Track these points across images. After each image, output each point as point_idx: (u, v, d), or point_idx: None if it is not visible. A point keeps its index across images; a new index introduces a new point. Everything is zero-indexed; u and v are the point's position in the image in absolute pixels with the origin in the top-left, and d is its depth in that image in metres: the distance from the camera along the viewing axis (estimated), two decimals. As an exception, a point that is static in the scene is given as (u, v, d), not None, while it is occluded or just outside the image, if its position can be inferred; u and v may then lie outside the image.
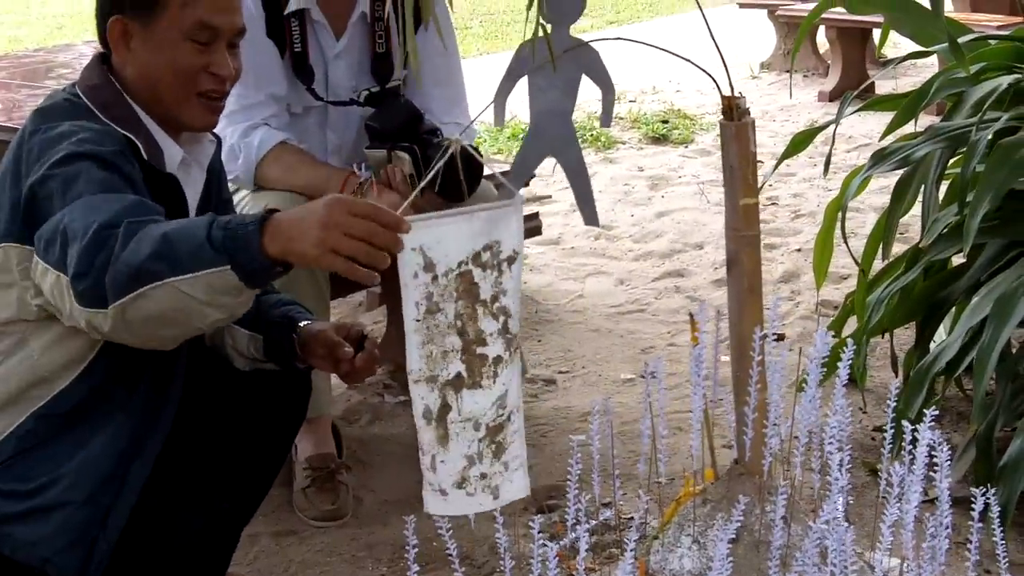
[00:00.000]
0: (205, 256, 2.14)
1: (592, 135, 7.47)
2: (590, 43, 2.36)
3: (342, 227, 2.09)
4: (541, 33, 2.27)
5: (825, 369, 2.43)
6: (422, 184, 2.31)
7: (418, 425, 2.27)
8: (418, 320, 2.18)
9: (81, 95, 2.51)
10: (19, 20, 13.47)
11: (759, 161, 6.29)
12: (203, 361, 2.76)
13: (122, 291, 2.17)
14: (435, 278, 2.16)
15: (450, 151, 2.32)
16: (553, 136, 2.41)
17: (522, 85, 2.44)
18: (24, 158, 2.40)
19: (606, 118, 2.53)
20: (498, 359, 2.23)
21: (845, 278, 4.99)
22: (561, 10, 2.30)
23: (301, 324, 2.69)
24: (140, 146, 2.45)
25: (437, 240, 2.15)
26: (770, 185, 6.32)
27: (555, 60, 2.25)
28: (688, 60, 2.47)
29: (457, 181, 3.22)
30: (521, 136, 7.35)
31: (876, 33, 8.02)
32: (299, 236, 2.11)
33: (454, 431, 2.26)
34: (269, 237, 2.12)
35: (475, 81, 3.90)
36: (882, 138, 3.72)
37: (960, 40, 3.35)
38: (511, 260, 2.22)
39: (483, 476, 2.30)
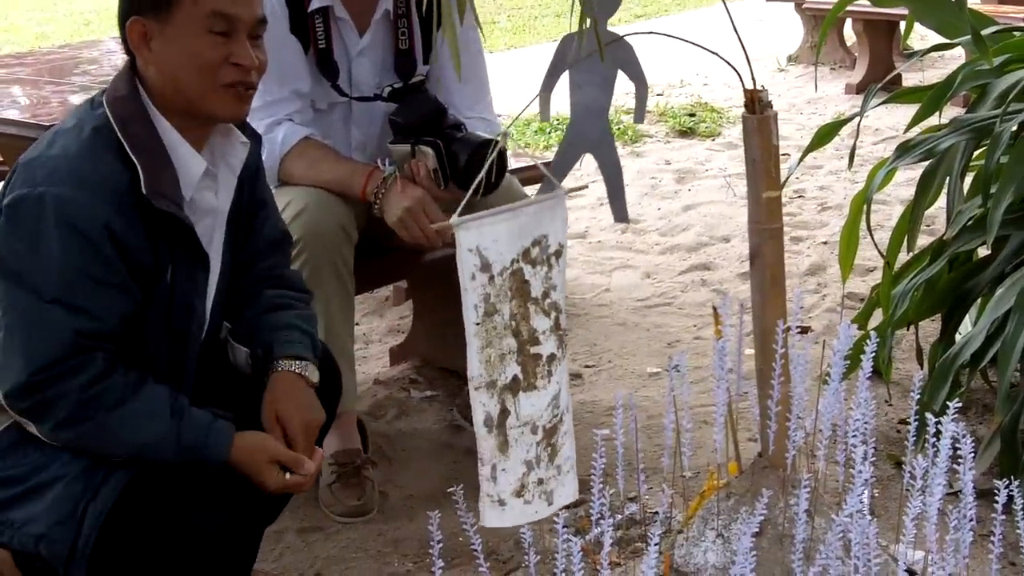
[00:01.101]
0: (163, 453, 2.49)
1: (619, 128, 7.47)
2: (625, 38, 2.36)
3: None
4: (584, 26, 2.26)
5: (849, 362, 2.43)
6: (474, 185, 2.28)
7: (478, 435, 2.25)
8: (478, 323, 2.16)
9: (106, 107, 2.53)
10: (46, 17, 13.54)
11: (785, 154, 6.30)
12: (224, 366, 2.80)
13: (61, 436, 2.45)
14: (491, 278, 2.15)
15: (497, 147, 2.33)
16: (591, 133, 2.41)
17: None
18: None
19: (639, 114, 2.53)
20: (552, 357, 2.22)
21: (871, 270, 4.98)
22: (600, 4, 2.30)
23: (276, 369, 2.72)
24: (142, 179, 2.47)
25: (493, 239, 2.14)
26: (796, 178, 6.31)
27: (596, 54, 2.25)
28: (714, 53, 2.47)
29: (486, 175, 3.25)
30: (548, 130, 7.38)
31: (903, 25, 7.99)
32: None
33: (513, 437, 2.24)
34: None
35: (504, 75, 3.91)
36: (907, 130, 3.71)
37: (984, 32, 3.34)
38: (558, 254, 2.22)
39: (540, 482, 2.29)
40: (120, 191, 2.45)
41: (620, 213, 2.49)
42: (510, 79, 7.53)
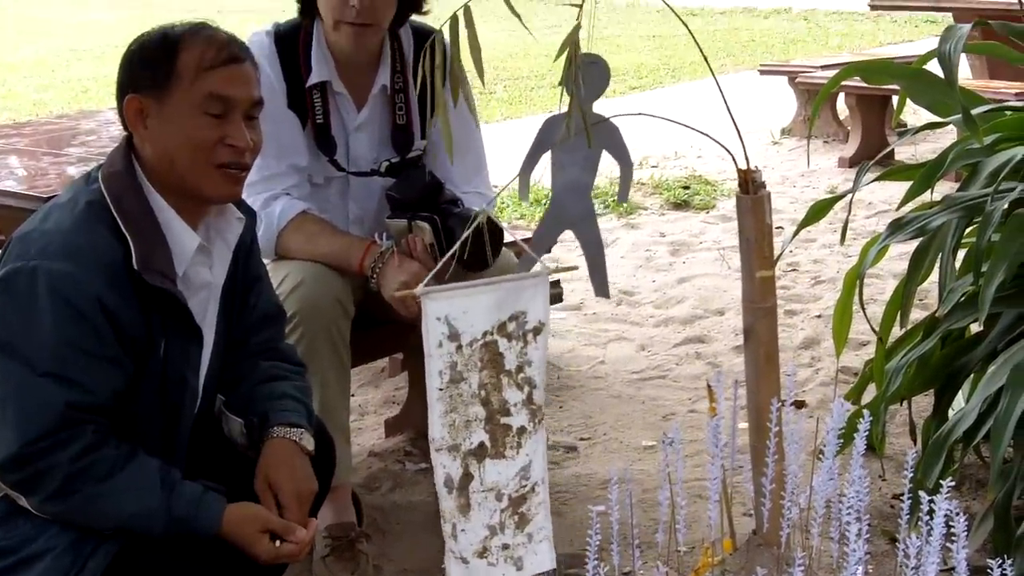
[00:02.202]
0: (153, 526, 2.50)
1: (614, 200, 7.51)
2: (611, 119, 2.39)
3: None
4: (568, 108, 2.29)
5: (843, 440, 2.44)
6: (445, 257, 2.32)
7: (439, 493, 2.28)
8: (441, 389, 2.20)
9: (100, 183, 2.56)
10: (44, 84, 13.60)
11: (779, 227, 6.33)
12: (218, 437, 2.81)
13: (51, 509, 2.47)
14: (459, 348, 2.18)
15: (476, 222, 2.36)
16: (573, 211, 2.44)
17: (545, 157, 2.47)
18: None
19: (623, 193, 2.57)
20: (522, 430, 2.25)
21: (864, 344, 5.00)
22: (587, 87, 2.33)
23: (271, 436, 2.74)
24: (133, 254, 2.49)
25: (463, 310, 2.18)
26: (790, 251, 6.34)
27: (578, 135, 2.27)
28: (706, 134, 2.50)
29: (479, 250, 3.28)
30: (544, 202, 7.42)
31: (895, 100, 8.06)
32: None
33: (476, 500, 2.27)
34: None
35: (500, 146, 3.94)
36: (899, 207, 3.74)
37: (975, 111, 3.38)
38: (537, 331, 2.24)
39: (505, 547, 2.31)
40: (113, 265, 2.47)
41: (601, 288, 2.51)
42: (506, 149, 7.58)
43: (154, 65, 2.56)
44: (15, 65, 14.97)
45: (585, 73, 2.22)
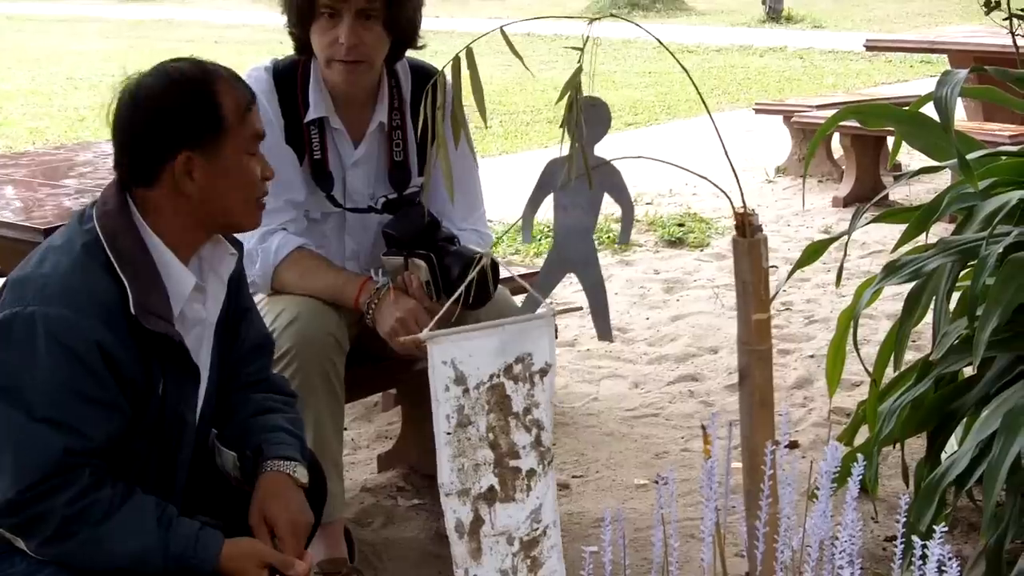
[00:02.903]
0: (151, 565, 2.50)
1: (609, 237, 7.52)
2: (612, 162, 2.40)
3: None
4: (569, 150, 2.30)
5: (836, 484, 2.44)
6: (449, 301, 2.31)
7: (450, 539, 2.27)
8: (449, 433, 2.19)
9: (95, 222, 2.56)
10: (41, 111, 13.62)
11: (773, 266, 6.33)
12: (212, 470, 2.81)
13: (48, 552, 2.47)
14: (466, 391, 2.18)
15: (480, 265, 2.37)
16: (575, 254, 2.44)
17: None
18: None
19: (624, 235, 2.58)
20: (531, 472, 2.25)
21: (857, 385, 5.00)
22: (589, 130, 2.34)
23: (265, 470, 2.75)
24: (130, 299, 2.50)
25: (468, 354, 2.17)
26: (784, 291, 6.35)
27: (579, 177, 2.28)
28: (704, 177, 2.51)
29: (477, 289, 3.28)
30: (539, 237, 7.44)
31: (890, 140, 8.08)
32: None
33: (487, 545, 2.26)
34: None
35: (496, 180, 3.94)
36: (894, 250, 3.75)
37: (970, 156, 3.40)
38: (543, 372, 2.25)
39: (519, 591, 2.30)
40: (111, 308, 2.48)
41: (604, 332, 2.52)
42: (502, 185, 7.60)
43: (200, 119, 2.56)
44: (11, 93, 14.99)
45: (586, 116, 2.23)
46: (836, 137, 8.87)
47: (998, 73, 3.62)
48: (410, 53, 3.68)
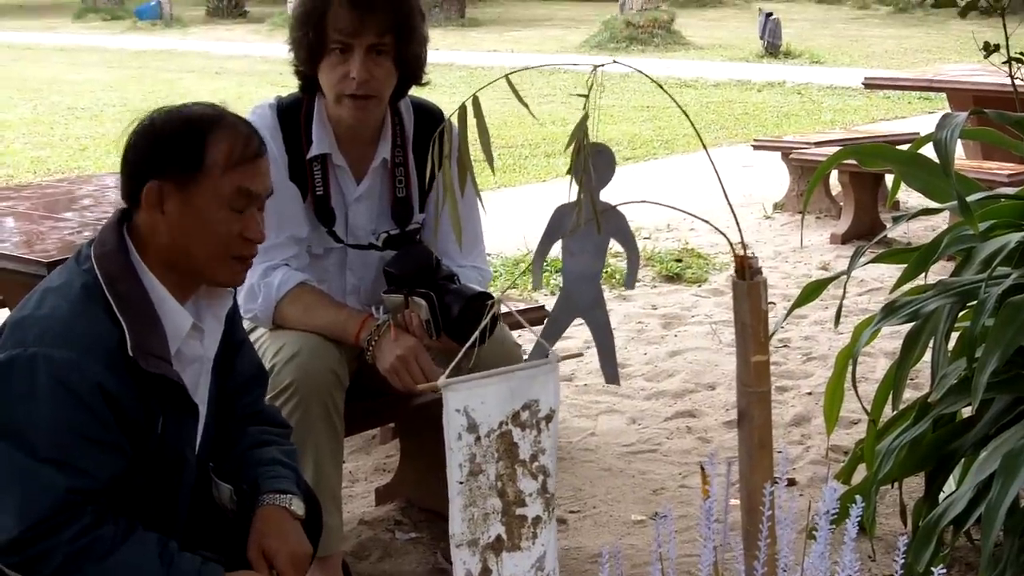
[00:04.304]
0: None
1: (607, 272, 7.53)
2: (618, 207, 2.41)
3: None
4: (578, 196, 2.31)
5: (834, 525, 2.45)
6: (464, 349, 2.30)
7: None
8: (461, 482, 2.18)
9: (93, 262, 2.57)
10: (43, 141, 13.65)
11: (771, 303, 6.34)
12: (210, 503, 2.82)
13: None
14: (478, 439, 2.17)
15: (492, 311, 2.38)
16: (583, 299, 2.46)
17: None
18: None
19: (630, 280, 2.58)
20: (537, 519, 2.24)
21: (855, 423, 5.01)
22: (596, 176, 2.35)
23: (262, 503, 2.77)
24: (128, 341, 2.51)
25: (481, 401, 2.17)
26: (782, 327, 6.36)
27: (587, 223, 2.29)
28: (705, 221, 2.53)
29: (472, 326, 3.31)
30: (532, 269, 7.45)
31: (888, 178, 8.11)
32: None
33: None
34: None
35: (493, 215, 3.93)
36: (893, 291, 3.77)
37: (970, 198, 3.42)
38: (548, 418, 2.25)
39: (524, 643, 2.29)
40: (111, 349, 2.49)
41: (611, 376, 2.53)
42: (500, 219, 7.62)
43: (180, 154, 2.56)
44: (13, 123, 15.02)
45: (592, 162, 2.24)
46: (834, 174, 8.88)
47: (997, 116, 3.64)
48: (413, 90, 3.71)
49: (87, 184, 5.59)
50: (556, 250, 2.42)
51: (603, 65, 2.23)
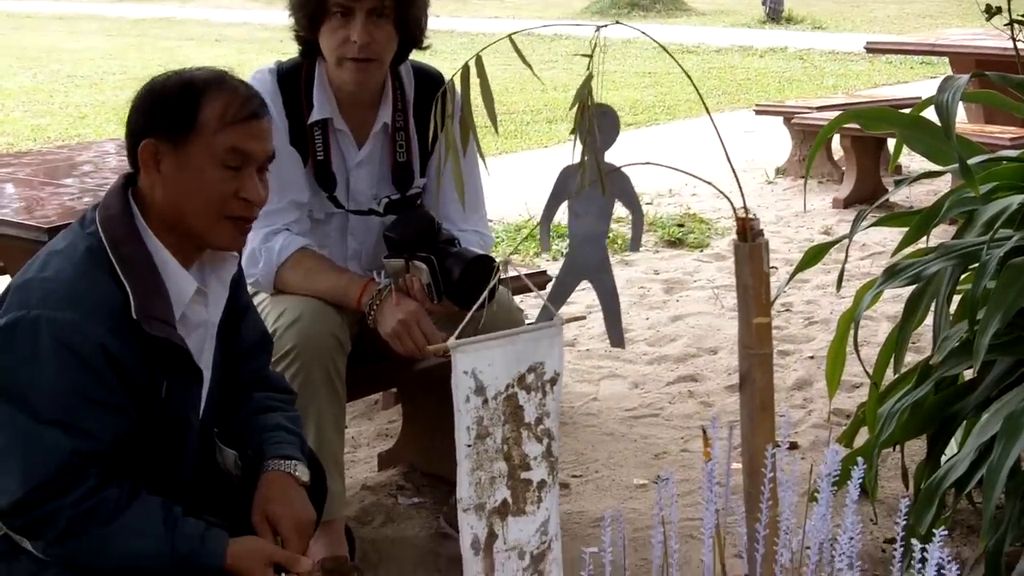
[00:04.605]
0: (158, 565, 2.50)
1: (610, 237, 7.52)
2: (622, 168, 2.41)
3: None
4: (582, 156, 2.30)
5: (836, 487, 2.45)
6: (470, 313, 2.29)
7: (464, 557, 2.25)
8: (469, 445, 2.18)
9: (98, 226, 2.57)
10: (43, 109, 13.64)
11: (773, 267, 6.35)
12: (214, 468, 2.83)
13: (56, 552, 2.47)
14: (485, 402, 2.17)
15: (498, 275, 2.37)
16: (589, 261, 2.45)
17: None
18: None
19: (635, 242, 2.58)
20: (542, 483, 2.24)
21: (857, 387, 5.02)
22: (601, 137, 2.35)
23: (266, 469, 2.77)
24: (132, 304, 2.51)
25: (488, 363, 2.16)
26: (784, 292, 6.36)
27: (592, 184, 2.29)
28: (708, 183, 2.52)
29: (472, 289, 3.31)
30: (535, 234, 7.45)
31: (890, 142, 8.09)
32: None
33: (499, 561, 2.25)
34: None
35: (495, 180, 3.92)
36: (895, 254, 3.76)
37: (971, 161, 3.40)
38: (553, 381, 2.25)
39: (528, 608, 2.29)
40: (114, 312, 2.49)
41: (616, 339, 2.52)
42: (502, 184, 7.61)
43: (174, 112, 2.57)
44: (13, 91, 15.01)
45: (597, 123, 2.24)
46: (836, 138, 8.87)
47: (999, 79, 3.63)
48: (414, 54, 3.70)
49: (87, 151, 5.58)
50: (561, 214, 2.42)
51: (606, 25, 2.22)
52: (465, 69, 2.12)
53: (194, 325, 2.69)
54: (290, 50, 3.70)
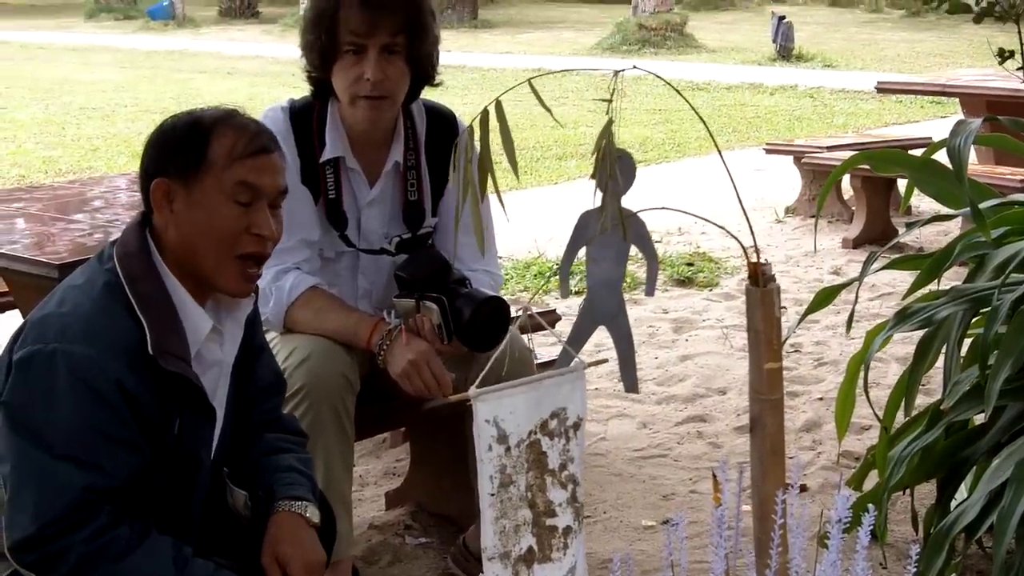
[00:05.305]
0: None
1: (627, 283, 7.51)
2: (638, 213, 2.40)
3: None
4: (602, 201, 2.30)
5: (846, 535, 2.44)
6: (491, 362, 2.29)
7: None
8: (492, 494, 2.16)
9: (115, 262, 2.58)
10: (55, 140, 13.68)
11: (783, 307, 6.34)
12: (224, 509, 2.82)
13: None
14: (508, 450, 2.16)
15: (521, 319, 2.37)
16: (606, 307, 2.45)
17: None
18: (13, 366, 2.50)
19: (651, 287, 2.58)
20: (568, 530, 2.22)
21: (867, 428, 5.00)
22: (617, 182, 2.35)
23: (277, 510, 2.76)
24: (148, 339, 2.51)
25: (510, 411, 2.15)
26: (794, 333, 6.35)
27: (609, 228, 2.29)
28: (721, 227, 2.52)
29: (490, 332, 3.32)
30: (547, 274, 7.46)
31: (901, 182, 8.09)
32: None
33: None
34: None
35: (505, 215, 3.93)
36: (905, 297, 3.76)
37: (983, 205, 3.40)
38: (576, 426, 2.23)
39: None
40: (131, 348, 2.49)
41: (631, 384, 2.51)
42: (511, 221, 7.60)
43: (184, 151, 2.59)
44: (25, 123, 15.06)
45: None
46: (846, 178, 8.86)
47: (1011, 123, 3.63)
48: (425, 91, 3.71)
49: (98, 185, 5.59)
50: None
51: (624, 70, 2.22)
52: (484, 114, 2.12)
53: (209, 364, 2.69)
54: (302, 83, 3.71)
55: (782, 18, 22.97)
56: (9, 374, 2.50)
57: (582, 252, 2.40)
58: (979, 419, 3.57)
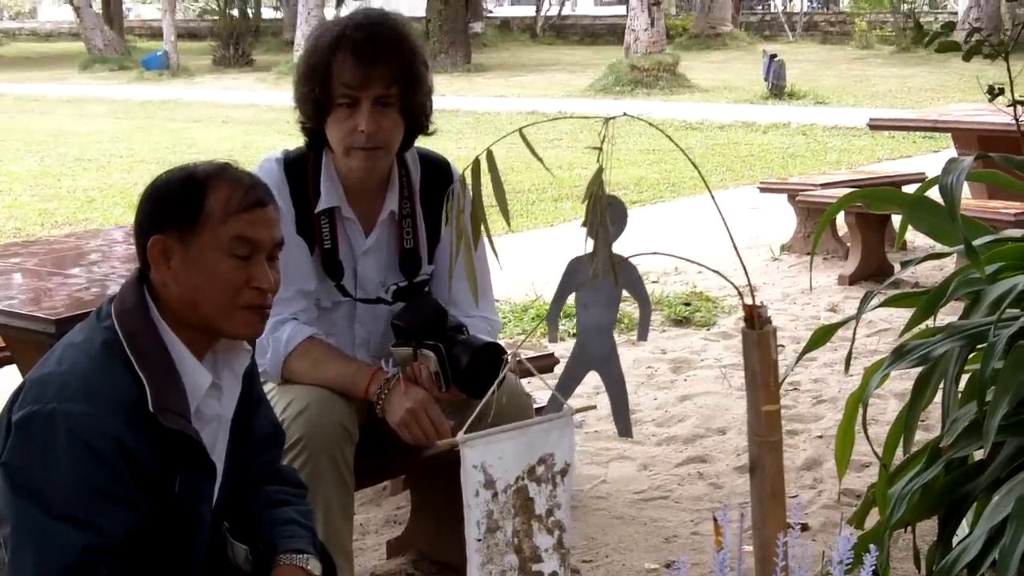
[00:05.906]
0: None
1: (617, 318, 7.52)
2: (629, 259, 2.41)
3: None
4: (594, 248, 2.31)
5: (848, 573, 2.44)
6: (479, 406, 2.29)
7: None
8: (479, 540, 2.18)
9: (114, 319, 2.59)
10: (51, 193, 13.70)
11: (780, 346, 6.33)
12: (225, 563, 2.81)
13: None
14: (495, 495, 2.17)
15: (508, 368, 2.37)
16: (597, 352, 2.46)
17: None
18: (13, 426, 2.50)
19: (643, 331, 2.59)
20: (554, 575, 2.23)
21: (866, 466, 5.00)
22: (609, 228, 2.36)
23: (278, 563, 2.75)
24: (148, 396, 2.51)
25: (498, 456, 2.17)
26: (792, 371, 6.35)
27: (600, 274, 2.30)
28: (717, 272, 2.53)
29: (485, 378, 3.31)
30: (544, 317, 7.45)
31: (895, 219, 8.11)
32: None
33: None
34: None
35: (501, 259, 3.94)
36: (902, 335, 3.77)
37: (976, 241, 3.41)
38: (563, 472, 2.24)
39: None
40: (130, 405, 2.50)
41: (624, 429, 2.52)
42: (507, 265, 7.61)
43: (180, 207, 2.60)
44: (21, 175, 15.08)
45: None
46: (841, 215, 8.88)
47: (1003, 160, 3.64)
48: (419, 139, 3.72)
49: (94, 239, 5.60)
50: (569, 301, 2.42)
51: (614, 117, 2.24)
52: (476, 164, 2.13)
53: (208, 419, 2.69)
54: (296, 131, 3.72)
55: (773, 56, 23.07)
56: (9, 434, 2.50)
57: (572, 297, 2.41)
58: (978, 455, 3.57)
